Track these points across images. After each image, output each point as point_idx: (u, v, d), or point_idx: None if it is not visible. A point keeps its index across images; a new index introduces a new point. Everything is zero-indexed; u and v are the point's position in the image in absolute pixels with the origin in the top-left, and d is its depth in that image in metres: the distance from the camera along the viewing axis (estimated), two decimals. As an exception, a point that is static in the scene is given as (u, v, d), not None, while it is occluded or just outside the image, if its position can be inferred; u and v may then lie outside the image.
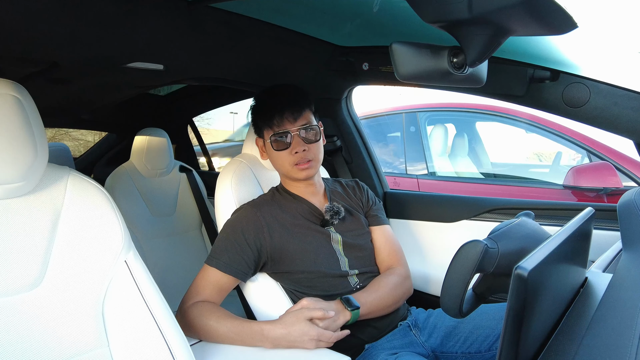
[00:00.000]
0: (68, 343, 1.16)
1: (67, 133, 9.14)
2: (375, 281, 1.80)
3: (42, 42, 1.63)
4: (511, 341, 0.67)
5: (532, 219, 1.23)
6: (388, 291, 1.76)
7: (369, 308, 1.67)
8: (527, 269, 0.65)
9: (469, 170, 4.71)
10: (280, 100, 1.78)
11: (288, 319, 1.54)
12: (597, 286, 1.05)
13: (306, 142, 1.77)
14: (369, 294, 1.71)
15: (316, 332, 1.51)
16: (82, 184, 1.27)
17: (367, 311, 1.66)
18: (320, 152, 1.83)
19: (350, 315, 1.60)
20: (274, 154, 1.80)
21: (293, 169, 1.78)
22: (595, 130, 1.77)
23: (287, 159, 1.77)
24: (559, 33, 1.03)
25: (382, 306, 1.72)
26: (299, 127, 1.76)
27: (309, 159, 1.77)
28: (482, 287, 1.15)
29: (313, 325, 1.52)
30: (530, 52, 1.73)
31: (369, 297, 1.69)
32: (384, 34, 1.95)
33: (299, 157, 1.76)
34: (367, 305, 1.66)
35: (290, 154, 1.76)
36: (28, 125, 1.13)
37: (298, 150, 1.75)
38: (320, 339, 1.51)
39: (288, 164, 1.78)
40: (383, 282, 1.78)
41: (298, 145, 1.75)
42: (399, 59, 1.09)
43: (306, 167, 1.77)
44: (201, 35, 1.79)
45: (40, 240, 1.17)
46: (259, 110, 1.84)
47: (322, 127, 1.86)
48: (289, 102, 1.77)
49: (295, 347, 1.50)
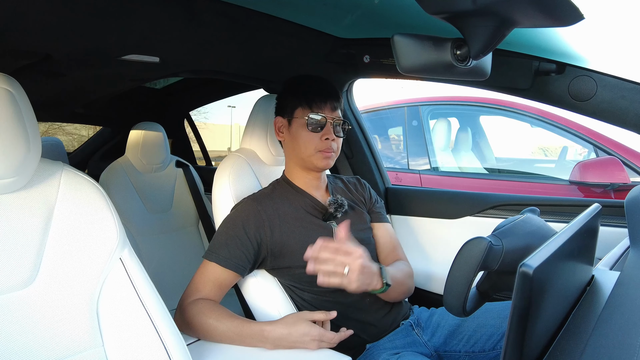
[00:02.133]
0: (61, 343, 1.16)
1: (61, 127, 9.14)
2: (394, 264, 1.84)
3: (35, 33, 1.62)
4: (516, 340, 0.67)
5: (538, 216, 1.23)
6: (403, 276, 1.79)
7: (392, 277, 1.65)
8: (532, 266, 0.65)
9: (473, 166, 4.71)
10: (325, 88, 1.83)
11: (289, 319, 1.54)
12: (604, 284, 1.05)
13: (336, 134, 1.81)
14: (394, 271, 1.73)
15: (318, 332, 1.51)
16: (76, 179, 1.26)
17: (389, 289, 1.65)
18: (339, 149, 1.86)
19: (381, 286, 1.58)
20: (302, 134, 1.80)
21: (316, 155, 1.79)
22: (602, 125, 1.77)
23: (314, 143, 1.79)
24: (565, 25, 1.03)
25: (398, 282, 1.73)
26: (335, 118, 1.81)
27: (333, 149, 1.80)
28: (486, 285, 1.15)
29: (315, 325, 1.53)
30: (536, 44, 1.72)
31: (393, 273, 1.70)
32: (385, 25, 1.94)
33: (327, 144, 1.78)
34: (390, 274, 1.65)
35: (320, 138, 1.78)
36: (20, 119, 1.13)
37: (329, 137, 1.78)
38: (322, 340, 1.52)
39: (313, 148, 1.79)
40: (400, 267, 1.82)
41: (330, 132, 1.79)
42: (401, 51, 1.09)
43: (328, 156, 1.80)
44: (198, 27, 1.78)
45: (32, 237, 1.16)
46: (298, 88, 1.86)
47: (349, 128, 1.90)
48: (332, 93, 1.83)
49: (296, 347, 1.51)
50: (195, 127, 4.40)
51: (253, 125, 2.05)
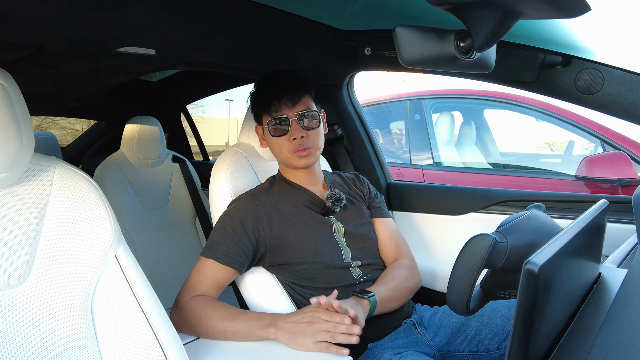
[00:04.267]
0: (55, 342, 1.16)
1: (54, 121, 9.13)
2: (385, 274, 1.81)
3: (27, 25, 1.62)
4: (521, 340, 0.67)
5: (543, 212, 1.23)
6: (400, 282, 1.77)
7: (383, 299, 1.66)
8: (537, 264, 0.65)
9: (477, 160, 4.71)
10: (279, 85, 1.80)
11: (298, 315, 1.53)
12: (611, 282, 1.05)
13: (305, 128, 1.78)
14: (381, 285, 1.72)
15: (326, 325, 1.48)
16: (69, 174, 1.26)
17: (382, 302, 1.65)
18: (320, 140, 1.84)
19: (369, 303, 1.59)
20: (272, 141, 1.82)
21: (292, 157, 1.79)
22: (609, 118, 1.77)
23: (285, 146, 1.78)
24: (571, 16, 1.03)
25: (396, 297, 1.73)
26: (298, 113, 1.78)
27: (308, 146, 1.78)
28: (491, 283, 1.15)
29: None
30: (541, 36, 1.72)
31: (380, 288, 1.70)
32: (387, 16, 1.94)
33: (297, 143, 1.77)
34: (382, 295, 1.66)
35: (288, 140, 1.78)
36: (13, 113, 1.13)
37: (296, 136, 1.77)
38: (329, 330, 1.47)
39: (287, 151, 1.79)
40: (394, 274, 1.80)
41: (296, 131, 1.77)
42: (403, 44, 1.09)
43: (305, 154, 1.78)
44: (195, 19, 1.78)
45: (25, 234, 1.16)
46: (257, 96, 1.86)
47: (324, 114, 1.87)
48: (287, 87, 1.79)
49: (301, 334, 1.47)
50: (192, 121, 4.40)
51: (251, 119, 2.04)
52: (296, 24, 2.01)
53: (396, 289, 1.74)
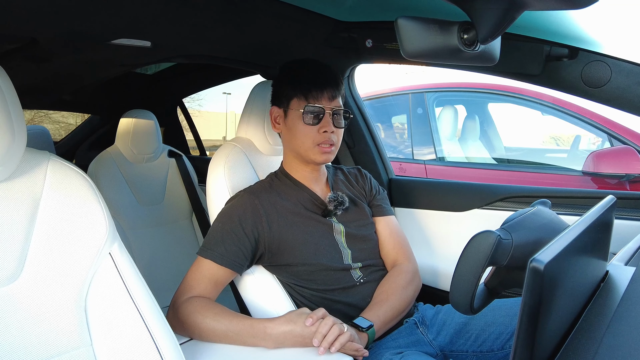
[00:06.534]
0: (48, 342, 1.16)
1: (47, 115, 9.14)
2: (381, 289, 1.79)
3: (19, 16, 1.61)
4: (526, 339, 0.67)
5: (549, 208, 1.23)
6: (398, 297, 1.75)
7: (383, 322, 1.67)
8: (543, 261, 0.65)
9: (481, 155, 4.71)
10: (322, 76, 1.80)
11: (291, 315, 1.51)
12: (619, 280, 1.05)
13: (335, 125, 1.79)
14: (379, 307, 1.70)
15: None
16: (63, 170, 1.26)
17: (382, 325, 1.66)
18: (340, 141, 1.85)
19: (368, 336, 1.60)
20: (299, 128, 1.79)
21: (314, 149, 1.78)
22: (617, 112, 1.76)
23: (312, 136, 1.77)
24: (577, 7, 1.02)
25: (395, 314, 1.72)
26: (334, 108, 1.78)
27: (333, 142, 1.78)
28: (495, 281, 1.15)
29: None
30: (547, 28, 1.72)
31: (380, 311, 1.68)
32: (389, 8, 1.93)
33: (325, 137, 1.76)
34: (380, 320, 1.66)
35: (317, 131, 1.77)
36: (5, 106, 1.12)
37: (327, 129, 1.76)
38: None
39: (311, 142, 1.78)
40: (391, 288, 1.77)
41: (328, 124, 1.77)
42: (405, 35, 1.09)
43: (328, 150, 1.78)
44: (192, 10, 1.78)
45: (17, 231, 1.16)
46: (294, 78, 1.82)
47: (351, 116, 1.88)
48: (330, 80, 1.80)
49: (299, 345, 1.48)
50: (188, 115, 4.39)
51: (250, 113, 2.04)
52: (296, 15, 2.00)
53: (395, 307, 1.72)
